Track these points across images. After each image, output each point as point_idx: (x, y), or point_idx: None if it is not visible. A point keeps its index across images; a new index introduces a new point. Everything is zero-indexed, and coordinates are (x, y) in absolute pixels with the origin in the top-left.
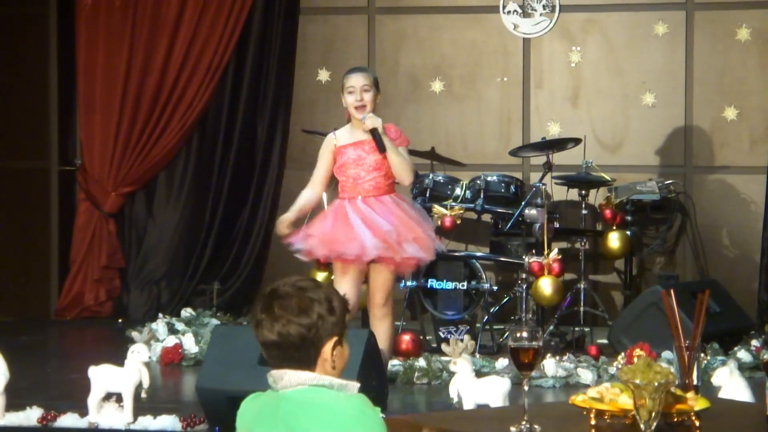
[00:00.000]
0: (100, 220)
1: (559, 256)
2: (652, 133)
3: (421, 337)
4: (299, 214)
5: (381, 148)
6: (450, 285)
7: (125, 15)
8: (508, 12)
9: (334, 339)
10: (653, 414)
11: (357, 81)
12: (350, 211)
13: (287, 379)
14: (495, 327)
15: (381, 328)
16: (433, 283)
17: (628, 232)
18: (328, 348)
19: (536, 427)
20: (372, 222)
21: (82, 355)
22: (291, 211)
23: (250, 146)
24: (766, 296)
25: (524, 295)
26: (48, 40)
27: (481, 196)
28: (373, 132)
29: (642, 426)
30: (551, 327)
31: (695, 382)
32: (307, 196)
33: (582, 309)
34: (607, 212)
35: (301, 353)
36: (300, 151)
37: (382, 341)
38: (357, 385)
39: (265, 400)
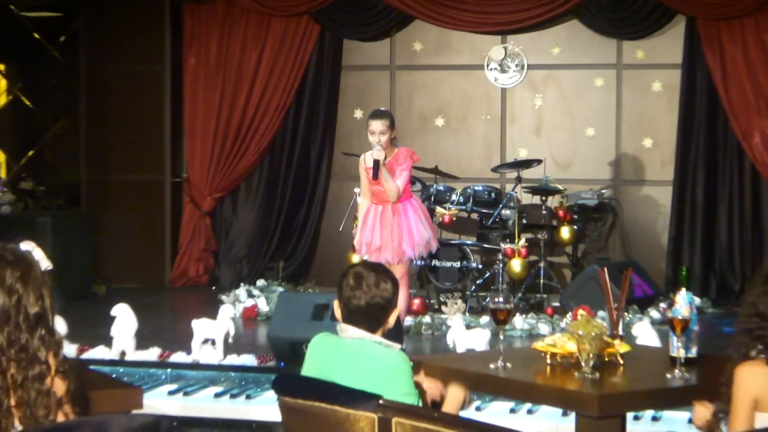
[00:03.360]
0: (200, 217)
1: (526, 244)
2: (592, 156)
3: (427, 301)
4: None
5: (374, 175)
6: (448, 264)
7: (218, 70)
8: (491, 69)
9: (397, 309)
10: (591, 355)
11: (376, 126)
12: (376, 217)
13: (350, 332)
14: (480, 294)
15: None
16: (435, 262)
17: (575, 227)
18: (392, 316)
19: (508, 364)
20: (378, 231)
21: (187, 311)
22: (359, 219)
23: (305, 164)
24: (670, 272)
25: (501, 271)
26: (163, 88)
27: (471, 200)
28: (375, 162)
29: (583, 364)
30: (520, 294)
31: (620, 333)
32: (364, 205)
33: (542, 281)
34: (560, 212)
35: (376, 317)
36: (341, 168)
37: (400, 304)
38: (399, 345)
39: (332, 343)
